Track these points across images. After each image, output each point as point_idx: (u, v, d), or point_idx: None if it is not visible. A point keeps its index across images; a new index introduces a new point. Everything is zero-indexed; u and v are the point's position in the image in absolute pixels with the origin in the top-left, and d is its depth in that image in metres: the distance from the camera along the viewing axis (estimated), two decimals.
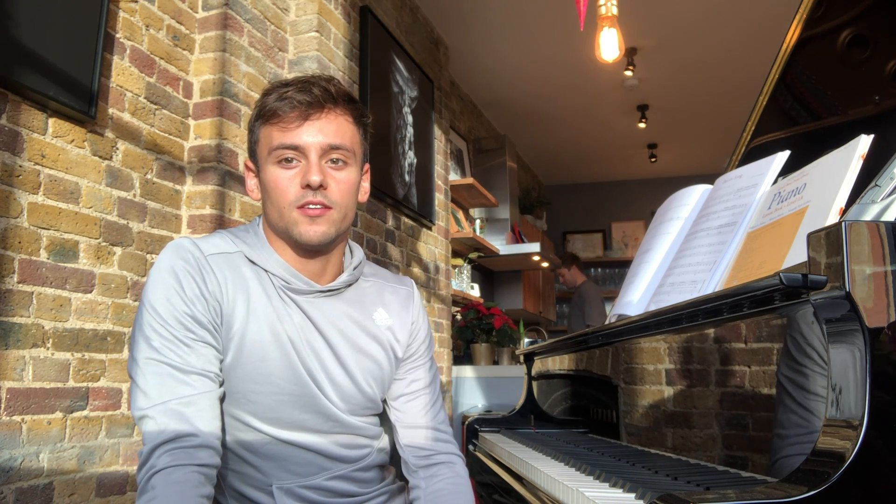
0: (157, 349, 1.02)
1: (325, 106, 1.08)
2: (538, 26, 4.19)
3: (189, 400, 1.00)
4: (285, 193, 1.07)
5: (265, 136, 1.09)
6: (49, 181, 1.69)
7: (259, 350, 1.07)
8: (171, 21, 2.14)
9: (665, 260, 1.34)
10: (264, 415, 1.09)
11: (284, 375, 1.09)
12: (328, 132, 1.08)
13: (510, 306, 5.56)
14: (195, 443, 0.98)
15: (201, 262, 1.06)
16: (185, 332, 1.03)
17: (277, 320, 1.09)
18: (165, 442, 0.97)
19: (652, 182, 7.23)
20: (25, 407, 1.59)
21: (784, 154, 1.17)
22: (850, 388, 0.66)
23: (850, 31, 1.44)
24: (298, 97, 1.06)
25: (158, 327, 1.02)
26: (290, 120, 1.07)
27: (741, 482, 0.85)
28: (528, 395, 1.93)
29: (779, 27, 1.80)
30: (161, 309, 1.03)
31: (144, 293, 1.06)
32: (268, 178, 1.08)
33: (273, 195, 1.08)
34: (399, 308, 1.25)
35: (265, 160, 1.09)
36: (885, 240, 0.68)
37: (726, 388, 0.92)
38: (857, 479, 0.62)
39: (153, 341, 1.02)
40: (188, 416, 0.99)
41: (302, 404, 1.10)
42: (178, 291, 1.04)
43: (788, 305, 0.78)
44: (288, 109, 1.06)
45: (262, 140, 1.10)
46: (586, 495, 0.87)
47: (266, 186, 1.09)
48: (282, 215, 1.08)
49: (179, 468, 0.95)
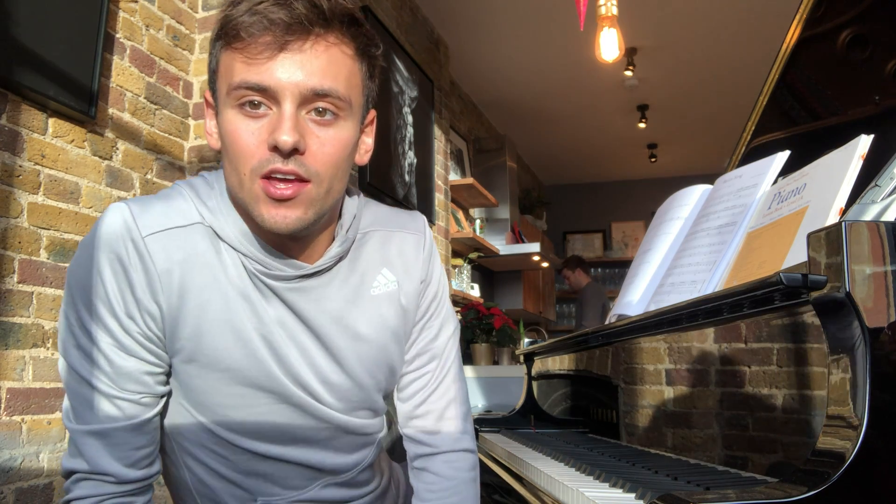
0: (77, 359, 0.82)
1: (312, 29, 0.76)
2: (538, 26, 4.19)
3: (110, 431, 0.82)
4: (245, 154, 0.76)
5: (225, 66, 0.78)
6: (49, 181, 1.69)
7: (220, 357, 0.84)
8: (171, 21, 2.14)
9: (665, 260, 1.34)
10: (243, 430, 0.88)
11: (259, 384, 0.86)
12: (312, 69, 0.76)
13: (510, 306, 5.56)
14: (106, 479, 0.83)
15: (140, 248, 0.80)
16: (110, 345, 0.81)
17: (243, 317, 0.84)
18: (86, 474, 0.83)
19: (652, 182, 7.23)
20: (25, 407, 1.59)
21: (784, 154, 1.17)
22: (850, 388, 0.66)
23: (850, 31, 1.44)
24: (274, 14, 0.74)
25: (80, 334, 0.81)
26: (258, 47, 0.75)
27: (741, 482, 0.85)
28: (528, 395, 1.93)
29: (779, 27, 1.80)
30: (84, 313, 0.81)
31: (68, 284, 0.83)
32: (225, 126, 0.78)
33: (231, 152, 0.77)
34: (406, 263, 0.98)
35: (223, 100, 0.79)
36: (885, 240, 0.68)
37: (726, 388, 0.92)
38: (857, 479, 0.62)
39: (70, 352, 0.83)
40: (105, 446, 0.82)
41: (288, 414, 0.89)
42: (103, 299, 0.80)
43: (788, 305, 0.78)
44: (257, 31, 0.74)
45: (222, 69, 0.79)
46: (586, 495, 0.87)
47: (224, 139, 0.79)
48: (241, 183, 0.78)
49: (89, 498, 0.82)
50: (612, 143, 6.34)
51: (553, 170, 7.20)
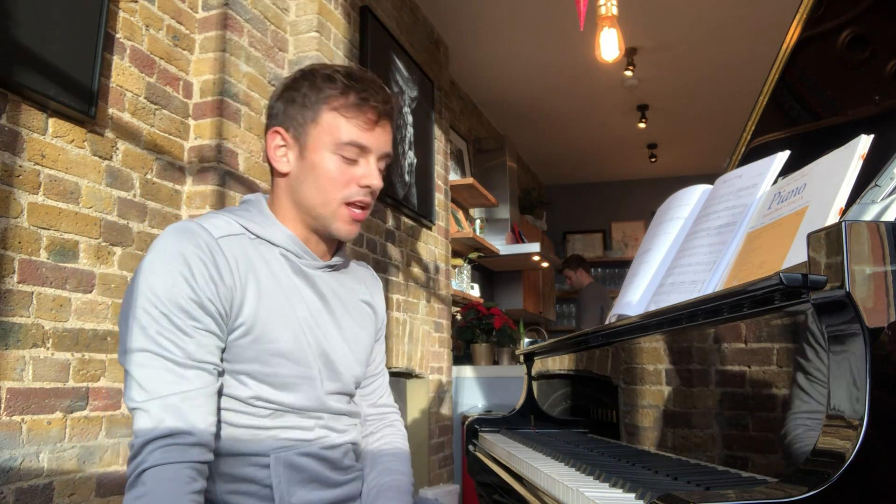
0: (153, 339, 0.98)
1: (388, 117, 1.13)
2: (538, 26, 4.19)
3: (185, 396, 0.97)
4: (339, 187, 1.10)
5: (332, 124, 1.09)
6: (49, 181, 1.69)
7: (271, 333, 1.06)
8: (171, 21, 2.14)
9: (665, 260, 1.34)
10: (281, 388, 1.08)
11: (297, 357, 1.09)
12: (387, 141, 1.14)
13: (510, 306, 5.56)
14: (189, 441, 0.96)
15: (212, 246, 1.03)
16: (187, 319, 0.99)
17: (288, 302, 1.09)
18: (158, 438, 0.95)
19: (652, 182, 7.23)
20: (25, 407, 1.59)
21: (784, 154, 1.17)
22: (850, 388, 0.66)
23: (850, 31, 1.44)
24: (376, 101, 1.10)
25: (158, 315, 0.98)
26: (366, 121, 1.10)
27: (741, 482, 0.85)
28: (528, 395, 1.93)
29: (779, 27, 1.80)
30: (163, 295, 0.98)
31: (142, 278, 1.00)
32: (323, 164, 1.09)
33: (324, 183, 1.10)
34: (371, 284, 1.31)
35: (323, 145, 1.09)
36: (885, 240, 0.68)
37: (726, 388, 0.93)
38: (857, 479, 0.62)
39: (149, 329, 0.98)
40: (184, 413, 0.96)
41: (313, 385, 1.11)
42: (186, 277, 0.99)
43: (788, 305, 0.78)
44: (364, 109, 1.09)
45: (325, 125, 1.09)
46: (586, 495, 0.87)
47: (316, 172, 1.10)
48: (326, 204, 1.10)
49: (171, 465, 0.94)
50: (612, 143, 6.34)
51: (553, 170, 7.20)
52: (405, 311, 3.21)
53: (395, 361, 3.05)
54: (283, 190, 1.14)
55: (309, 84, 1.11)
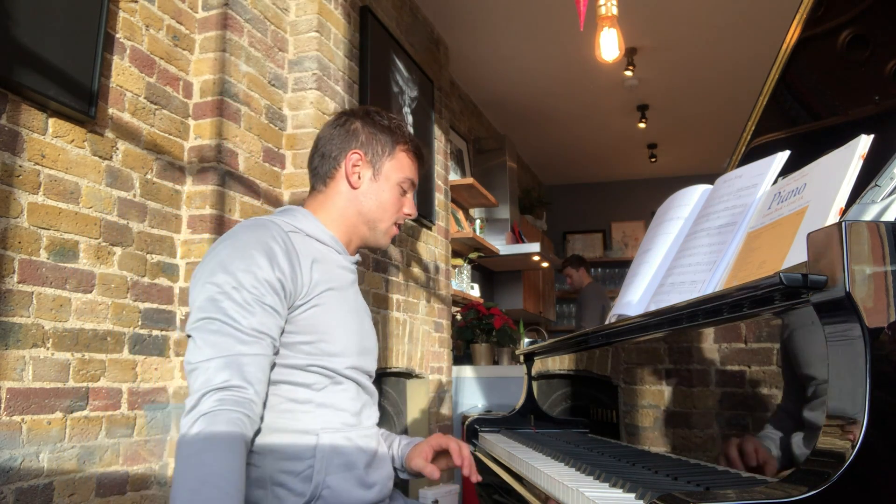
0: (222, 309, 1.10)
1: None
2: (538, 26, 4.19)
3: (244, 357, 1.08)
4: (395, 212, 1.38)
5: (403, 163, 1.38)
6: (49, 181, 1.69)
7: (331, 319, 1.23)
8: (171, 21, 2.14)
9: (665, 260, 1.34)
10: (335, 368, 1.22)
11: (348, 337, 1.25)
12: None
13: (510, 306, 5.56)
14: (245, 394, 1.06)
15: (285, 237, 1.19)
16: (259, 296, 1.11)
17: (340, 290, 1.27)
18: (215, 389, 1.04)
19: (652, 182, 7.23)
20: (25, 407, 1.59)
21: (784, 154, 1.16)
22: (850, 388, 0.66)
23: (850, 31, 1.44)
24: (422, 151, 1.44)
25: (230, 289, 1.11)
26: (419, 166, 1.42)
27: (741, 482, 0.85)
28: (528, 395, 1.93)
29: (779, 27, 1.80)
30: (238, 273, 1.12)
31: (218, 259, 1.14)
32: (389, 191, 1.36)
33: (387, 206, 1.36)
34: None
35: (391, 176, 1.36)
36: (885, 240, 0.68)
37: (726, 388, 0.92)
38: (857, 479, 0.62)
39: (221, 302, 1.10)
40: (242, 370, 1.07)
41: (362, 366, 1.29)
42: (265, 259, 1.14)
43: (788, 305, 0.78)
44: (419, 159, 1.42)
45: (398, 161, 1.37)
46: (586, 495, 0.87)
47: (381, 196, 1.35)
48: (383, 220, 1.36)
49: (227, 411, 1.03)
50: (612, 143, 6.34)
51: (553, 170, 7.20)
52: (405, 311, 3.21)
53: (395, 361, 3.05)
54: (344, 198, 1.35)
55: (389, 123, 1.38)
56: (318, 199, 1.37)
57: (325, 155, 1.36)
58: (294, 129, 2.54)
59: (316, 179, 1.38)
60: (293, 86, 2.57)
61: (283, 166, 2.51)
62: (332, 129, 1.38)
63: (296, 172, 2.51)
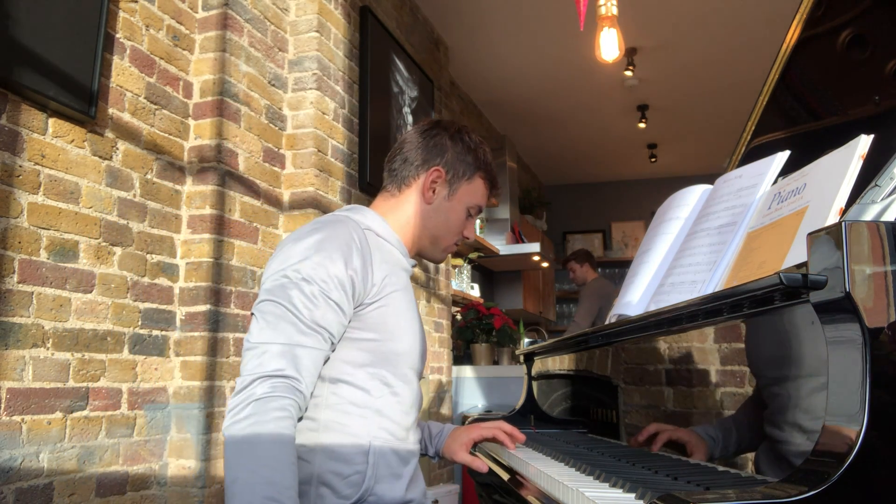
0: (288, 297, 1.12)
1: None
2: (538, 26, 4.19)
3: (300, 350, 1.10)
4: (458, 233, 1.40)
5: (478, 189, 1.40)
6: (49, 181, 1.69)
7: (399, 319, 1.25)
8: (171, 21, 2.14)
9: (665, 260, 1.34)
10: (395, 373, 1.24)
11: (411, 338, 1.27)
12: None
13: (510, 306, 5.56)
14: (297, 386, 1.08)
15: (360, 236, 1.22)
16: (324, 290, 1.13)
17: (404, 291, 1.28)
18: (269, 375, 1.06)
19: (652, 182, 7.23)
20: (25, 407, 1.59)
21: (784, 154, 1.16)
22: (850, 388, 0.66)
23: (850, 31, 1.44)
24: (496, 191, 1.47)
25: (299, 280, 1.13)
26: (488, 196, 1.44)
27: (741, 482, 0.85)
28: (528, 395, 1.93)
29: (779, 27, 1.80)
30: (310, 264, 1.14)
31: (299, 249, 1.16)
32: (458, 212, 1.38)
33: (452, 226, 1.38)
34: None
35: (463, 199, 1.38)
36: (885, 240, 0.68)
37: (726, 388, 0.92)
38: (857, 479, 0.62)
39: (289, 289, 1.12)
40: (297, 362, 1.08)
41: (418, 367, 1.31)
42: (339, 254, 1.16)
43: (788, 305, 0.78)
44: (493, 190, 1.45)
45: (475, 187, 1.40)
46: (586, 495, 0.87)
47: (450, 215, 1.37)
48: (445, 238, 1.39)
49: (280, 398, 1.05)
50: (612, 143, 6.34)
51: (553, 170, 7.19)
52: None
53: None
54: (414, 209, 1.37)
55: (475, 147, 1.40)
56: (389, 202, 1.38)
57: (408, 161, 1.37)
58: (294, 129, 2.54)
59: (391, 181, 1.39)
60: (293, 86, 2.57)
61: (283, 166, 2.51)
62: (421, 137, 1.39)
63: (296, 172, 2.51)
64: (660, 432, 1.10)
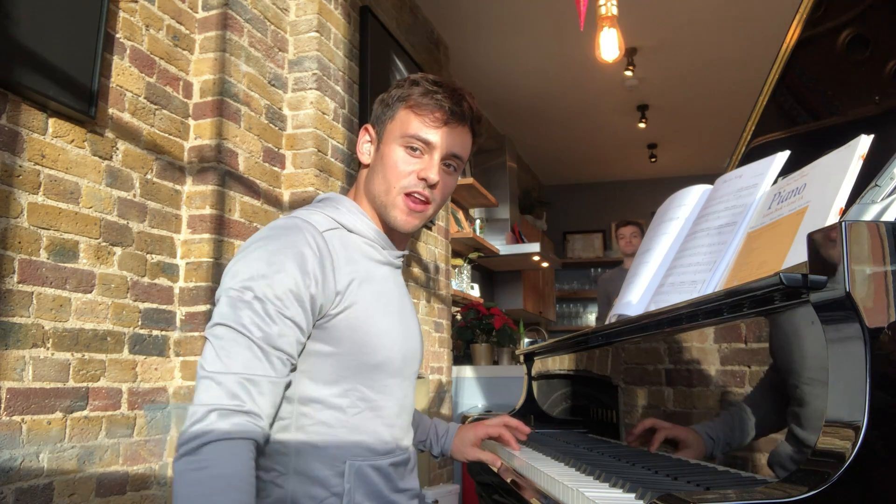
0: (239, 317, 1.01)
1: (464, 122, 1.19)
2: (538, 26, 4.19)
3: (259, 380, 1.00)
4: (400, 176, 1.16)
5: (403, 119, 1.17)
6: (49, 181, 1.69)
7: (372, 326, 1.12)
8: (171, 21, 2.14)
9: (665, 260, 1.34)
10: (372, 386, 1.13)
11: (391, 344, 1.15)
12: (456, 144, 1.18)
13: (510, 306, 5.56)
14: (257, 422, 0.99)
15: (319, 241, 1.09)
16: (279, 307, 1.02)
17: (382, 292, 1.16)
18: (227, 410, 0.97)
19: (652, 182, 7.23)
20: (25, 407, 1.59)
21: (784, 154, 1.17)
22: (850, 388, 0.66)
23: (850, 31, 1.44)
24: (447, 103, 1.16)
25: (251, 298, 1.02)
26: (431, 119, 1.16)
27: (741, 482, 0.85)
28: (528, 395, 1.93)
29: (779, 27, 1.80)
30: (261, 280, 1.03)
31: (243, 263, 1.06)
32: (389, 155, 1.17)
33: (388, 172, 1.17)
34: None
35: (393, 138, 1.17)
36: (885, 240, 0.68)
37: (726, 388, 0.93)
38: (857, 479, 0.62)
39: (239, 309, 1.02)
40: (254, 392, 0.99)
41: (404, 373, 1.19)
42: (294, 267, 1.04)
43: (788, 305, 0.78)
44: (433, 108, 1.16)
45: (398, 120, 1.18)
46: (586, 495, 0.87)
47: (384, 161, 1.17)
48: (388, 192, 1.16)
49: (236, 440, 0.96)
50: (612, 143, 6.34)
51: (553, 170, 7.19)
52: None
53: None
54: (361, 181, 1.23)
55: (398, 86, 1.20)
56: (353, 188, 1.27)
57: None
58: (294, 129, 2.54)
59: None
60: (293, 86, 2.57)
61: (283, 166, 2.51)
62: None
63: (296, 172, 2.51)
64: (656, 428, 1.09)
